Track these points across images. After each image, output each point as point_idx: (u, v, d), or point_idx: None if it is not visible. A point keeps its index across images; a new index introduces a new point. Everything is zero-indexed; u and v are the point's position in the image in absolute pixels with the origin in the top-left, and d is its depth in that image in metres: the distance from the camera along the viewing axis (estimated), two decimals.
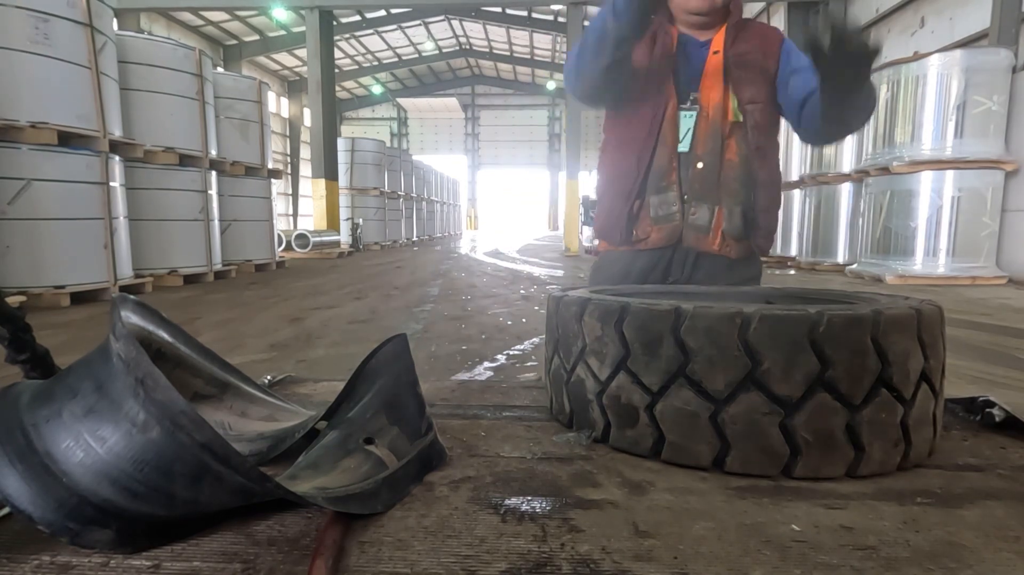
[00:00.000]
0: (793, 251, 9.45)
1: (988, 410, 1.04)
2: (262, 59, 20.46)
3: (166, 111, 6.45)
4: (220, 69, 10.27)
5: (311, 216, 15.53)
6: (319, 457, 0.81)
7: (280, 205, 20.17)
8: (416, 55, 25.14)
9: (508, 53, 25.34)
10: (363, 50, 22.79)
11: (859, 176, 7.71)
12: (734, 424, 0.83)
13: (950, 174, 6.49)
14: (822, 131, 1.49)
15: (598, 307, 0.95)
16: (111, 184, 5.35)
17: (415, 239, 18.56)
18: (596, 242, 1.76)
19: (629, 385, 0.90)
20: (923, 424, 0.87)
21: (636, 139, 1.60)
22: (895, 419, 0.84)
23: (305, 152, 20.99)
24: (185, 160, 6.55)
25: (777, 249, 9.43)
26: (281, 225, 18.55)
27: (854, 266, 7.53)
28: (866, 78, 1.25)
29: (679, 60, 1.58)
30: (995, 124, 6.45)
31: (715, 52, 1.56)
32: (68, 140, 4.91)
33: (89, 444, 0.60)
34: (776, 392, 0.81)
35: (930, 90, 6.59)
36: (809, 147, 8.42)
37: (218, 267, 7.19)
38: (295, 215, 22.53)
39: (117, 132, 5.58)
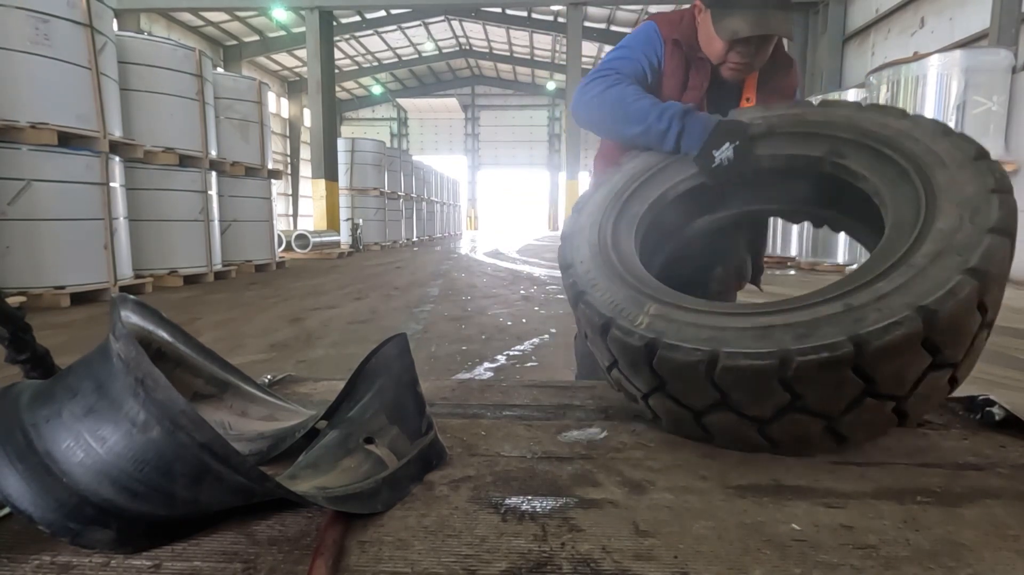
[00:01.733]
0: (793, 251, 9.44)
1: (988, 409, 1.04)
2: (262, 59, 20.44)
3: (166, 111, 6.45)
4: (220, 69, 10.26)
5: (311, 216, 15.52)
6: (319, 457, 0.81)
7: (280, 205, 20.15)
8: (416, 55, 25.11)
9: (508, 53, 25.30)
10: (363, 50, 22.77)
11: None
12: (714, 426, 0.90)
13: None
14: None
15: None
16: (111, 184, 5.35)
17: (415, 239, 18.54)
18: None
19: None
20: (922, 401, 0.86)
21: None
22: (884, 412, 0.84)
23: (305, 152, 20.97)
24: (185, 160, 6.55)
25: (777, 249, 9.42)
26: (281, 225, 18.54)
27: (854, 266, 7.53)
28: None
29: (708, 103, 1.39)
30: (995, 124, 6.44)
31: (747, 99, 1.39)
32: (68, 140, 4.91)
33: (89, 444, 0.60)
34: (747, 414, 0.85)
35: (930, 90, 6.59)
36: None
37: (218, 267, 7.19)
38: (295, 215, 22.51)
39: (117, 132, 5.58)
